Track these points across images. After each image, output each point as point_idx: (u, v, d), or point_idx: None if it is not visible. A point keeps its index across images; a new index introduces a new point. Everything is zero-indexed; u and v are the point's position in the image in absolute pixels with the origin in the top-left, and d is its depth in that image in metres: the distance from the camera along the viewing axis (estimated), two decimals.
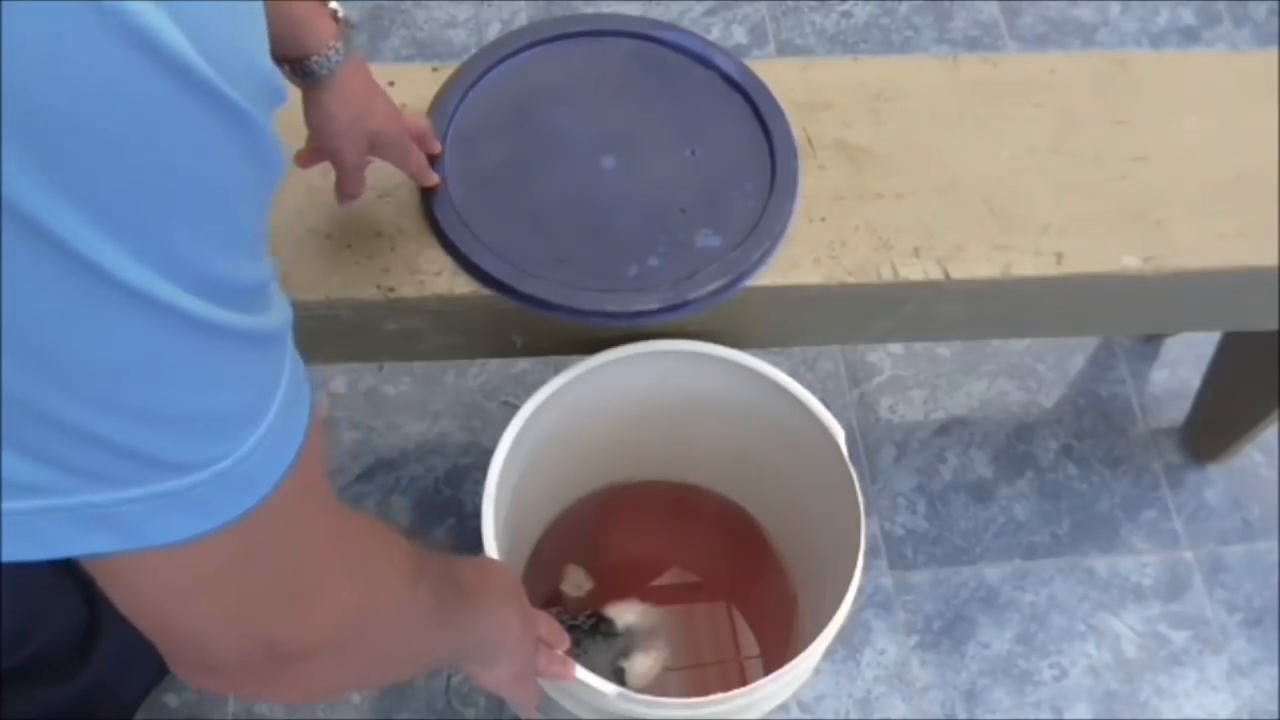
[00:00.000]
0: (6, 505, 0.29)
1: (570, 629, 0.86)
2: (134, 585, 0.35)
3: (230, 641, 0.38)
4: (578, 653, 0.83)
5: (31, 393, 0.28)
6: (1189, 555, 1.37)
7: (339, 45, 0.74)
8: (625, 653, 0.97)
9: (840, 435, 0.91)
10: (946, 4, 1.76)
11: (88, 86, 0.25)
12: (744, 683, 0.81)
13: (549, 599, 1.05)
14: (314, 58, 0.73)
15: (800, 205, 0.94)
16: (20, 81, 0.24)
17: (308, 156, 0.81)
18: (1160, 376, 1.49)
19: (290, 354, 0.35)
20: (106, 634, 1.03)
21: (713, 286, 0.88)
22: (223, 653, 0.37)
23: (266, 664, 0.39)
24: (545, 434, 0.92)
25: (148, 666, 1.15)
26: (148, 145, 0.27)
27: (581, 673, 0.79)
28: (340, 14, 0.75)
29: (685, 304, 0.88)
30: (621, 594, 1.03)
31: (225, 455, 0.32)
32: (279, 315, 0.34)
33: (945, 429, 1.43)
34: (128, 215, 0.27)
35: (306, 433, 0.36)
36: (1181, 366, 1.49)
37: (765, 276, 0.91)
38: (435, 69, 0.98)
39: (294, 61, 0.73)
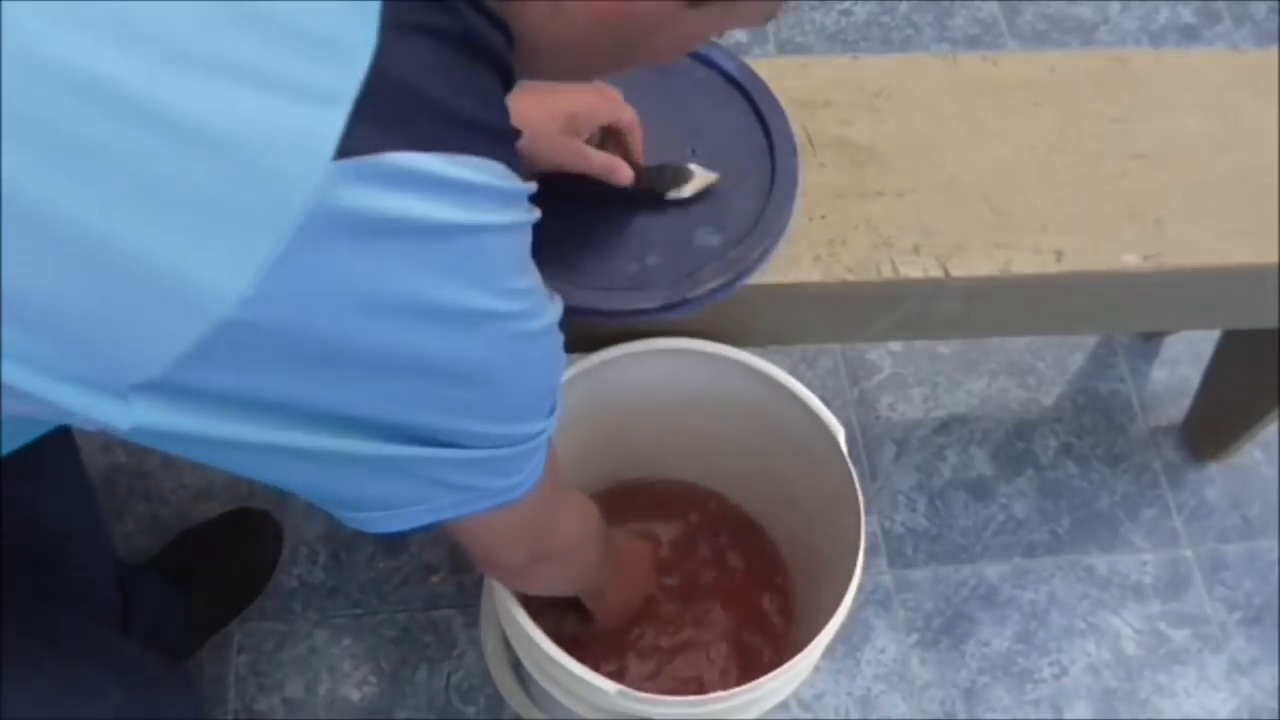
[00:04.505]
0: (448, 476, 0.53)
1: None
2: (469, 532, 0.62)
3: (513, 555, 0.68)
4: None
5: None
6: (1189, 553, 1.37)
7: None
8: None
9: (840, 433, 0.91)
10: (946, 2, 1.76)
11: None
12: (744, 681, 0.81)
13: None
14: None
15: (800, 203, 0.94)
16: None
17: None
18: (1160, 374, 1.49)
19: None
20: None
21: (712, 285, 0.88)
22: (507, 559, 0.69)
23: (528, 564, 0.70)
24: None
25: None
26: None
27: (582, 671, 0.79)
28: None
29: (685, 302, 0.88)
30: None
31: (524, 477, 0.58)
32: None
33: (945, 427, 1.43)
34: None
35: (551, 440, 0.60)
36: (1181, 364, 1.49)
37: (765, 275, 0.91)
38: None
39: None
